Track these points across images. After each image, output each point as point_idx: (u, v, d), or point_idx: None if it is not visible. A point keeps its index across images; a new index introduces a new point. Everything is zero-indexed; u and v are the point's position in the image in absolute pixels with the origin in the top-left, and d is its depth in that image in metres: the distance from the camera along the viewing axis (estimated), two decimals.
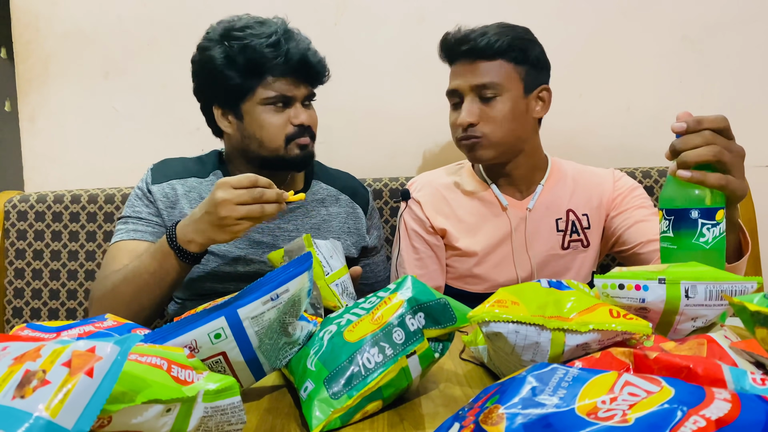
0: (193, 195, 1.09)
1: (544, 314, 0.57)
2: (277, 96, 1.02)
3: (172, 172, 1.11)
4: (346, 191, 1.20)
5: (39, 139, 1.54)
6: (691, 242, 0.72)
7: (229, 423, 0.46)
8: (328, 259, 0.92)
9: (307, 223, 1.13)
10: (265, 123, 1.03)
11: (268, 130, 1.03)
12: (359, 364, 0.56)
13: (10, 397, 0.34)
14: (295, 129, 1.04)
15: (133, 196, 1.09)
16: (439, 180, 1.22)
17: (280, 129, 1.03)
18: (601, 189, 1.17)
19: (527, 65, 1.09)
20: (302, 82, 1.04)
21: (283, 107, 1.04)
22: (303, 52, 1.02)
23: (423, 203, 1.18)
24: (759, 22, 1.49)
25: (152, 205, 1.07)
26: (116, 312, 0.92)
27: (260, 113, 1.03)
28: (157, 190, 1.07)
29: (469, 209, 1.17)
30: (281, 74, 1.02)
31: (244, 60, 1.00)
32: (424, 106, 1.51)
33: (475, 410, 0.40)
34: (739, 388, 0.41)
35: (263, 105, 1.03)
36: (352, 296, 0.93)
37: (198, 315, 0.55)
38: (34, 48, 1.52)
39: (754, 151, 0.79)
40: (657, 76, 1.51)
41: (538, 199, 1.15)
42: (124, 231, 1.04)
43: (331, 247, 0.95)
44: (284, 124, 1.04)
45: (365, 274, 1.22)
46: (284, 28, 1.03)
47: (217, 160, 1.15)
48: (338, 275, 0.92)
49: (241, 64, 1.00)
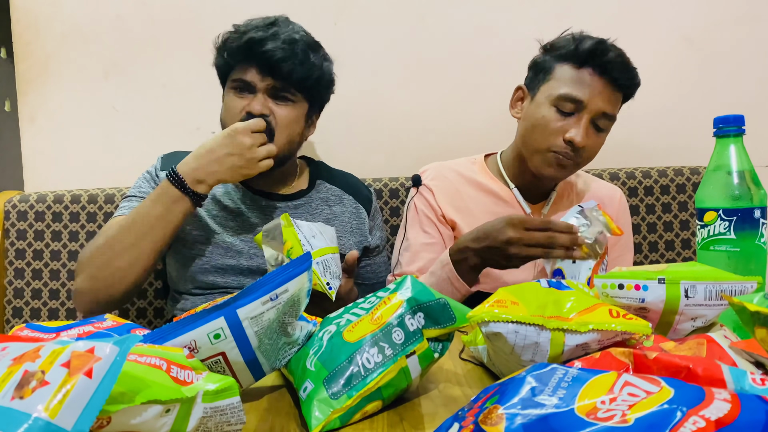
0: None
1: (543, 314, 0.57)
2: (238, 80, 1.04)
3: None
4: (349, 191, 1.21)
5: (39, 139, 1.54)
6: (754, 243, 0.70)
7: (229, 423, 0.46)
8: (309, 239, 0.90)
9: (311, 222, 1.13)
10: (226, 106, 1.07)
11: (226, 113, 1.06)
12: (359, 364, 0.56)
13: (9, 398, 0.34)
14: (245, 117, 1.02)
15: (141, 178, 1.12)
16: (452, 171, 1.21)
17: (233, 114, 1.04)
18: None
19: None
20: (267, 73, 1.02)
21: (245, 93, 1.05)
22: (261, 39, 1.01)
23: (435, 192, 1.17)
24: (759, 22, 1.49)
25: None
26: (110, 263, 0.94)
27: (226, 95, 1.07)
28: (164, 176, 1.08)
29: (482, 206, 1.16)
30: (242, 59, 1.04)
31: (222, 43, 1.06)
32: (424, 106, 1.51)
33: (474, 410, 0.40)
34: (739, 388, 0.41)
35: (230, 89, 1.06)
36: (335, 276, 0.90)
37: (197, 315, 0.55)
38: (34, 48, 1.52)
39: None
40: (657, 76, 1.51)
41: (551, 206, 1.17)
42: (127, 208, 1.05)
43: (316, 228, 0.94)
44: (239, 110, 1.03)
45: (366, 275, 1.22)
46: (271, 21, 1.05)
47: None
48: (320, 254, 0.89)
49: (221, 47, 1.07)
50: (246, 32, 1.03)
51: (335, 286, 0.87)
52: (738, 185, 0.72)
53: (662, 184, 1.41)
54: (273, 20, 1.06)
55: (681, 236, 1.41)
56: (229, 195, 1.10)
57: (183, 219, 0.97)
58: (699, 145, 1.42)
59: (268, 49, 1.01)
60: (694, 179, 1.41)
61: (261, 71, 1.03)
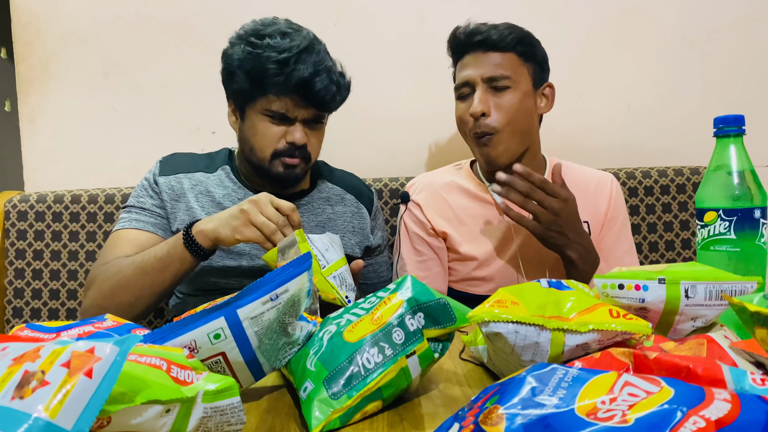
0: (200, 189, 1.10)
1: (543, 314, 0.57)
2: (276, 112, 1.02)
3: (180, 165, 1.12)
4: (351, 191, 1.21)
5: (39, 139, 1.54)
6: (754, 243, 0.70)
7: (229, 423, 0.46)
8: (323, 252, 0.91)
9: (313, 221, 1.13)
10: (259, 132, 1.03)
11: (260, 139, 1.03)
12: (359, 365, 0.56)
13: (9, 398, 0.34)
14: (287, 146, 1.03)
15: (140, 187, 1.10)
16: (438, 181, 1.21)
17: (271, 141, 1.03)
18: (599, 198, 1.17)
19: (534, 62, 1.11)
20: (305, 105, 1.02)
21: (281, 122, 1.03)
22: (309, 76, 0.99)
23: (423, 205, 1.18)
24: (759, 22, 1.49)
25: (157, 196, 1.08)
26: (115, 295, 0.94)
27: (258, 121, 1.03)
28: (163, 181, 1.08)
29: (470, 211, 1.16)
30: (282, 93, 1.00)
31: (251, 69, 1.00)
32: (423, 106, 1.51)
33: (474, 410, 0.40)
34: (739, 389, 0.41)
35: (263, 114, 1.03)
36: (351, 288, 0.92)
37: (197, 315, 0.55)
38: (34, 48, 1.52)
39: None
40: (657, 76, 1.51)
41: None
42: (127, 220, 1.05)
43: (327, 240, 0.94)
44: (277, 138, 1.03)
45: (368, 274, 1.22)
46: (304, 46, 0.99)
47: (227, 157, 1.16)
48: (335, 267, 0.90)
49: (248, 72, 1.00)
50: (284, 63, 0.98)
51: (353, 299, 0.88)
52: (738, 185, 0.72)
53: (662, 184, 1.41)
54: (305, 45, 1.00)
55: (681, 236, 1.41)
56: (230, 197, 1.10)
57: (182, 265, 0.94)
58: (699, 145, 1.42)
59: (318, 88, 0.99)
60: (694, 179, 1.41)
61: (301, 103, 1.01)
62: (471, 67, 1.10)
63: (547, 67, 1.15)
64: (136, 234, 1.03)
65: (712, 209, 0.73)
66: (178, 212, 1.06)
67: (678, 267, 0.61)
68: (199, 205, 1.08)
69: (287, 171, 1.05)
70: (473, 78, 1.09)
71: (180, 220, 1.06)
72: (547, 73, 1.15)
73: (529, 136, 1.12)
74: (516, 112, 1.08)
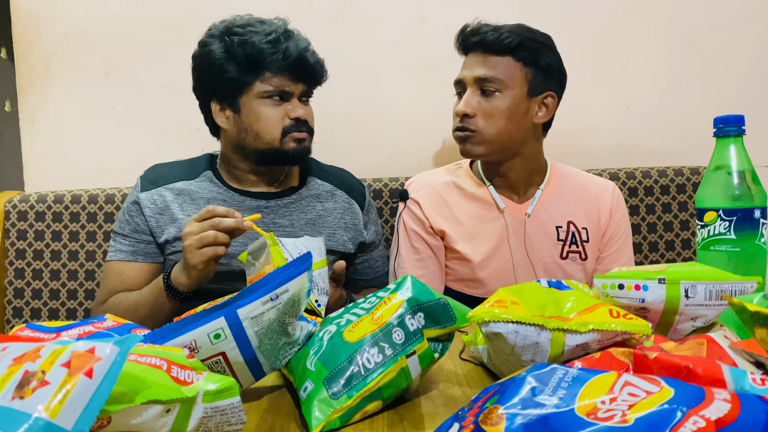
0: (183, 198, 1.10)
1: (543, 314, 0.57)
2: (275, 90, 1.04)
3: (160, 178, 1.12)
4: (342, 187, 1.20)
5: (39, 139, 1.54)
6: (754, 243, 0.70)
7: (229, 423, 0.46)
8: (295, 256, 0.90)
9: (302, 219, 1.13)
10: (262, 115, 1.05)
11: (265, 122, 1.05)
12: (359, 365, 0.56)
13: (9, 398, 0.34)
14: (292, 122, 1.06)
15: (121, 210, 1.12)
16: (437, 180, 1.21)
17: (277, 122, 1.05)
18: (600, 205, 1.17)
19: (535, 68, 1.09)
20: (300, 80, 1.06)
21: (281, 101, 1.06)
22: (301, 51, 1.05)
23: (422, 203, 1.18)
24: (759, 22, 1.49)
25: (139, 215, 1.09)
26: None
27: (257, 106, 1.05)
28: (145, 197, 1.10)
29: (468, 211, 1.16)
30: (279, 70, 1.04)
31: (243, 55, 1.02)
32: (423, 106, 1.51)
33: (474, 410, 0.40)
34: (739, 388, 0.41)
35: (261, 98, 1.05)
36: (324, 292, 0.90)
37: (197, 315, 0.55)
38: (34, 48, 1.52)
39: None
40: (657, 76, 1.51)
41: (537, 205, 1.14)
42: (113, 250, 1.10)
43: (303, 243, 0.93)
44: (281, 117, 1.05)
45: (364, 270, 1.22)
46: (284, 28, 1.06)
47: (208, 162, 1.16)
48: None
49: (240, 59, 1.03)
50: (276, 41, 1.03)
51: (324, 303, 0.88)
52: (738, 185, 0.72)
53: (662, 184, 1.41)
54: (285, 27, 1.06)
55: (681, 236, 1.41)
56: (216, 200, 1.10)
57: (170, 310, 0.99)
58: (699, 145, 1.42)
59: (312, 62, 1.06)
60: (694, 179, 1.41)
61: (294, 78, 1.05)
62: (467, 67, 1.12)
63: (557, 76, 1.12)
64: (120, 266, 1.08)
65: (712, 209, 0.73)
66: (165, 225, 1.08)
67: (678, 267, 0.61)
68: (186, 214, 1.08)
69: (300, 146, 1.07)
70: (465, 78, 1.10)
71: (167, 232, 1.07)
72: (553, 81, 1.11)
73: (516, 143, 1.11)
74: (501, 116, 1.07)
